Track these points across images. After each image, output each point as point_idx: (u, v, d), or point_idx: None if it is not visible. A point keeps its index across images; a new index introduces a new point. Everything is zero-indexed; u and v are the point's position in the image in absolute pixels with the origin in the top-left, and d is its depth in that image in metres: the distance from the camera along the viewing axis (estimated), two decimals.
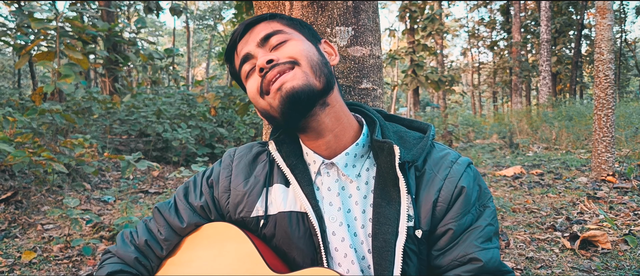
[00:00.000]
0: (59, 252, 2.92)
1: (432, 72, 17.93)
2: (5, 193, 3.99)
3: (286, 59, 0.92)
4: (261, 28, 0.98)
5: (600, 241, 2.72)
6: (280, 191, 0.99)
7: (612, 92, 5.00)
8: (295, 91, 0.89)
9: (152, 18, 37.25)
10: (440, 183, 0.93)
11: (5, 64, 22.32)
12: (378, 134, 0.98)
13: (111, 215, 3.84)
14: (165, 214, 1.08)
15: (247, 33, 1.00)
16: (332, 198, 0.97)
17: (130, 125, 7.06)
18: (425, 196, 0.93)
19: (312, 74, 0.91)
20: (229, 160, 1.08)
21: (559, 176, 5.40)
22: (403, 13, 18.50)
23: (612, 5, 5.00)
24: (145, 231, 1.08)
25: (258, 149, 1.09)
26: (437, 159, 0.97)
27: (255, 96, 0.97)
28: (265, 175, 1.03)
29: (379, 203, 0.93)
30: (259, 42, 0.96)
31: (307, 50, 0.94)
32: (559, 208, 3.80)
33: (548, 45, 15.22)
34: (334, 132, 0.98)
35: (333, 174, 0.99)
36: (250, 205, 1.01)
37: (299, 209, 0.97)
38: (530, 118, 11.87)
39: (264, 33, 0.97)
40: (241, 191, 1.03)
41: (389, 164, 0.93)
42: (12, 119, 4.27)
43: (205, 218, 1.07)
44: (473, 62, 34.17)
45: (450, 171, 0.95)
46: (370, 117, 1.04)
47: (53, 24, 6.99)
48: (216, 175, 1.07)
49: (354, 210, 0.96)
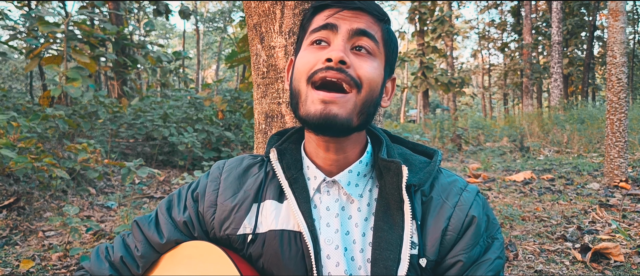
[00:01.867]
0: (58, 261, 2.88)
1: (442, 75, 17.81)
2: (9, 198, 3.97)
3: (355, 76, 0.85)
4: (364, 21, 0.88)
5: (613, 254, 2.62)
6: (272, 208, 0.93)
7: (625, 95, 4.87)
8: (336, 119, 0.83)
9: (162, 21, 37.52)
10: (449, 210, 0.88)
11: (18, 66, 22.57)
12: (384, 153, 0.93)
13: (113, 222, 3.81)
14: (144, 229, 1.01)
15: (350, 10, 0.89)
16: (330, 218, 0.91)
17: (137, 129, 7.05)
18: (433, 223, 0.88)
19: (359, 109, 0.85)
20: (217, 173, 1.01)
21: (571, 182, 5.28)
22: (413, 15, 18.41)
23: (625, 6, 4.88)
24: (121, 247, 1.02)
25: (249, 162, 1.02)
26: (445, 185, 0.92)
27: (304, 72, 0.87)
28: (257, 189, 0.96)
29: (381, 226, 0.87)
30: (352, 31, 0.87)
31: (376, 81, 0.88)
32: (570, 216, 3.70)
33: (559, 47, 15.03)
34: (346, 154, 0.93)
35: (333, 193, 0.92)
36: (237, 222, 0.94)
37: (292, 227, 0.90)
38: (541, 121, 11.70)
39: (364, 27, 0.87)
40: (229, 206, 0.96)
41: (395, 185, 0.88)
42: (16, 124, 4.26)
43: (187, 235, 1.00)
44: (483, 64, 33.93)
45: (460, 198, 0.90)
46: (376, 135, 0.99)
47: (61, 28, 7.01)
48: (202, 188, 1.00)
49: (353, 233, 0.90)
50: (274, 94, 1.26)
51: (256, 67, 1.30)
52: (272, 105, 1.26)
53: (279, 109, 1.25)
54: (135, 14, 18.81)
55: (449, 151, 9.83)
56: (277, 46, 1.22)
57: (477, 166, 7.01)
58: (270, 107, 1.28)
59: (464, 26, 36.04)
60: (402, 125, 16.28)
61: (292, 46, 1.20)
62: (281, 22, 1.21)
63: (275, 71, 1.25)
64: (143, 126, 7.02)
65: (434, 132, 11.36)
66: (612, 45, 4.88)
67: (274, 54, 1.24)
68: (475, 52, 35.19)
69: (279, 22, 1.21)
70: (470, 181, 5.80)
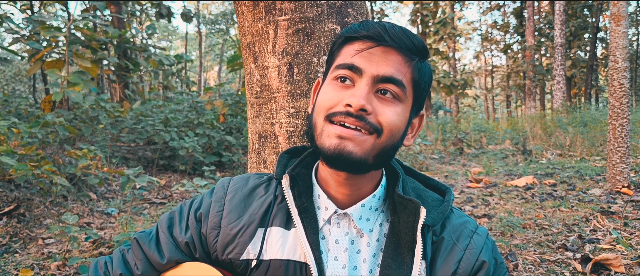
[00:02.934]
0: (57, 270, 2.88)
1: (445, 76, 17.78)
2: (9, 205, 3.98)
3: (375, 122, 0.82)
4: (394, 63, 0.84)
5: (613, 265, 2.60)
6: (278, 235, 0.90)
7: (627, 101, 4.85)
8: (350, 157, 0.81)
9: (164, 23, 37.60)
10: (460, 253, 0.87)
11: (22, 69, 22.64)
12: (400, 189, 0.91)
13: (113, 229, 3.80)
14: (144, 247, 0.99)
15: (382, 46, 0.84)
16: (338, 252, 0.89)
17: (138, 133, 7.06)
18: (443, 265, 0.86)
19: (376, 152, 0.83)
20: (222, 193, 0.98)
21: (573, 187, 5.26)
22: (415, 17, 18.40)
23: (627, 10, 4.85)
24: (120, 264, 1.00)
25: (255, 182, 0.99)
26: (457, 226, 0.91)
27: (324, 108, 0.85)
28: (263, 214, 0.93)
29: (389, 264, 0.86)
30: (377, 77, 0.83)
31: (398, 129, 0.85)
32: (571, 224, 3.68)
33: (562, 48, 14.98)
34: (361, 189, 0.90)
35: (344, 225, 0.90)
36: (241, 246, 0.92)
37: (298, 258, 0.88)
38: (544, 123, 11.66)
39: (390, 73, 0.83)
40: (233, 230, 0.93)
41: (410, 225, 0.86)
42: (17, 130, 4.27)
43: (188, 255, 0.98)
44: (486, 66, 33.87)
45: (471, 241, 0.89)
46: (391, 168, 0.96)
47: (63, 32, 7.02)
48: (206, 208, 0.97)
49: (361, 268, 0.88)
50: (267, 114, 1.25)
51: (250, 87, 1.29)
52: (265, 125, 1.26)
53: (272, 130, 1.24)
54: (138, 16, 18.84)
55: (451, 154, 9.80)
56: (271, 66, 1.22)
57: (479, 169, 6.99)
58: (263, 127, 1.27)
59: (466, 28, 35.99)
60: None
61: (285, 66, 1.19)
62: (274, 42, 1.20)
63: (269, 91, 1.24)
64: (144, 130, 7.03)
65: (436, 134, 11.33)
66: (614, 50, 4.85)
67: (268, 74, 1.23)
68: (477, 53, 35.13)
69: (273, 42, 1.20)
70: (472, 186, 5.78)
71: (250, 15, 1.23)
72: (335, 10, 1.20)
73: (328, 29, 1.19)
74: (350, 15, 1.22)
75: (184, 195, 5.36)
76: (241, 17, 1.26)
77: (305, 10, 1.18)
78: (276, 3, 1.19)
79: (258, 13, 1.21)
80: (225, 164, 7.26)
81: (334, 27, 1.20)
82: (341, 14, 1.21)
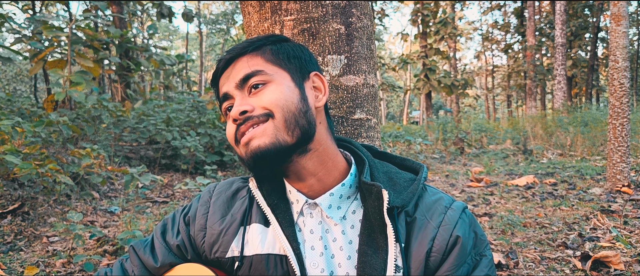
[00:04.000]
0: (62, 268, 2.91)
1: (445, 76, 17.78)
2: (13, 203, 4.01)
3: (261, 111, 0.87)
4: (242, 65, 0.92)
5: (613, 262, 2.63)
6: (258, 232, 0.94)
7: (628, 100, 4.87)
8: (260, 150, 0.85)
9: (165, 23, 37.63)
10: (433, 231, 0.87)
11: (23, 69, 22.67)
12: (366, 175, 0.92)
13: (116, 228, 3.83)
14: (139, 254, 1.05)
15: (230, 66, 0.94)
16: (314, 241, 0.92)
17: (140, 133, 7.09)
18: (417, 245, 0.87)
19: (283, 129, 0.86)
20: (208, 196, 1.04)
21: (573, 186, 5.28)
22: (415, 17, 18.40)
23: (627, 10, 4.88)
24: (119, 271, 1.06)
25: (238, 185, 1.04)
26: (430, 204, 0.91)
27: (231, 140, 0.92)
28: (243, 213, 0.98)
29: (365, 250, 0.87)
30: (238, 84, 0.91)
31: (285, 99, 0.88)
32: (571, 222, 3.70)
33: (563, 48, 15.00)
34: (317, 177, 0.93)
35: (316, 215, 0.93)
36: (225, 245, 0.96)
37: (278, 251, 0.92)
38: (544, 123, 11.68)
39: (243, 73, 0.91)
40: (217, 229, 0.98)
41: (377, 209, 0.87)
42: (21, 129, 4.30)
43: (181, 258, 1.03)
44: (487, 66, 33.87)
45: (444, 217, 0.89)
46: (359, 156, 0.98)
47: (65, 32, 7.05)
48: (193, 212, 1.04)
49: (338, 256, 0.91)
50: None
51: None
52: None
53: None
54: (139, 16, 18.87)
55: (451, 153, 9.83)
56: None
57: (480, 169, 7.01)
58: None
59: (467, 28, 36.00)
60: (405, 127, 16.26)
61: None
62: None
63: None
64: (146, 129, 7.06)
65: (437, 134, 11.35)
66: (614, 50, 4.88)
67: None
68: (478, 53, 35.14)
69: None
70: (472, 185, 5.81)
71: (257, 15, 1.26)
72: (339, 10, 1.23)
73: (333, 29, 1.22)
74: (354, 15, 1.25)
75: (186, 194, 5.38)
76: (247, 17, 1.29)
77: (311, 11, 1.20)
78: (282, 3, 1.22)
79: (264, 13, 1.24)
80: (226, 164, 7.29)
81: (339, 26, 1.23)
82: (345, 14, 1.23)
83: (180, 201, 4.93)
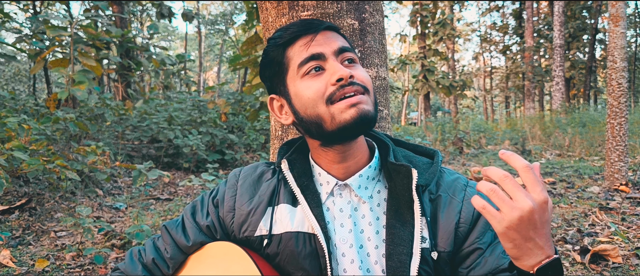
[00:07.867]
0: (72, 260, 2.96)
1: (443, 77, 17.83)
2: (20, 199, 4.06)
3: (361, 82, 0.94)
4: (335, 37, 0.98)
5: (611, 255, 2.69)
6: (286, 211, 1.01)
7: (626, 100, 4.94)
8: (368, 114, 0.92)
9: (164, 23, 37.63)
10: (458, 205, 0.98)
11: (21, 69, 22.66)
12: (392, 157, 1.01)
13: (123, 223, 3.88)
14: (172, 233, 1.10)
15: (319, 33, 0.97)
16: (343, 219, 0.99)
17: (142, 131, 7.14)
18: (445, 218, 0.96)
19: (373, 106, 0.95)
20: (234, 180, 1.10)
21: (572, 185, 5.35)
22: (414, 18, 18.44)
23: (626, 11, 4.95)
24: (152, 250, 1.11)
25: (263, 169, 1.11)
26: (450, 183, 1.01)
27: (317, 99, 0.93)
28: (270, 194, 1.05)
29: (393, 224, 0.96)
30: (336, 51, 0.95)
31: (371, 83, 0.98)
32: (570, 219, 3.77)
33: (561, 50, 15.09)
34: (356, 159, 1.01)
35: (346, 195, 1.01)
36: (254, 224, 1.03)
37: (306, 230, 0.98)
38: (543, 124, 11.76)
39: (340, 44, 0.97)
40: (245, 210, 1.04)
41: (405, 187, 0.96)
42: (27, 126, 4.35)
43: (210, 237, 1.09)
44: (485, 67, 33.98)
45: (465, 193, 0.99)
46: (382, 141, 1.07)
47: (67, 31, 7.10)
48: (221, 195, 1.10)
49: (367, 230, 0.98)
50: None
51: None
52: None
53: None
54: (139, 16, 18.90)
55: (450, 154, 9.89)
56: None
57: (479, 169, 7.07)
58: None
59: (465, 29, 36.12)
60: (404, 128, 16.32)
61: None
62: None
63: None
64: (148, 128, 7.11)
65: (436, 135, 11.41)
66: (612, 50, 4.95)
67: None
68: (477, 54, 35.26)
69: None
70: None
71: (274, 11, 1.32)
72: (353, 6, 1.29)
73: (347, 24, 1.28)
74: (367, 11, 1.31)
75: (189, 191, 5.44)
76: (265, 13, 1.35)
77: (326, 7, 1.26)
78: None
79: (282, 9, 1.30)
80: (228, 162, 7.34)
81: (353, 22, 1.29)
82: (359, 10, 1.29)
83: (184, 199, 4.98)
